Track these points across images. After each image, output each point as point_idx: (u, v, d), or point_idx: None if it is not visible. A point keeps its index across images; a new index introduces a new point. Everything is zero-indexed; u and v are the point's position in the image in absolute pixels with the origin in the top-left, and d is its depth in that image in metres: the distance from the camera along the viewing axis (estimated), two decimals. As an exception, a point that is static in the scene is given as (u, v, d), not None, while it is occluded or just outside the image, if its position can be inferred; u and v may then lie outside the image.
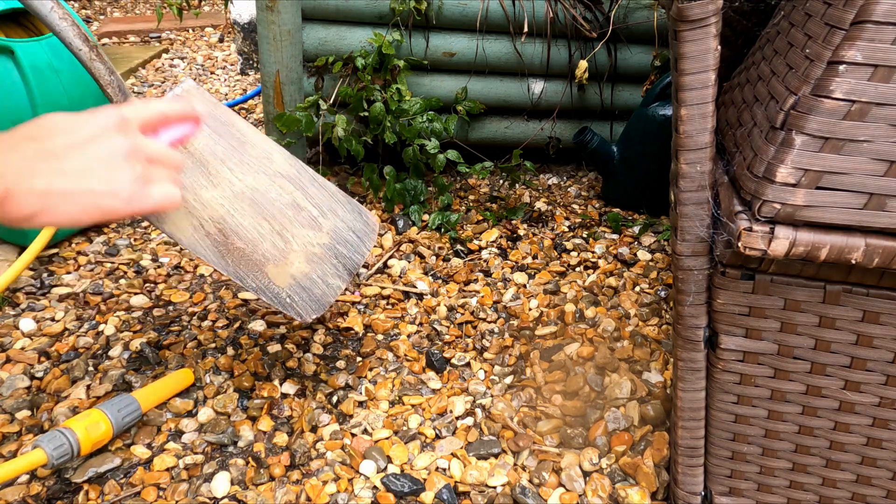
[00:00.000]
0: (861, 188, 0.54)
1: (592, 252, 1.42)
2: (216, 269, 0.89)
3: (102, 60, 0.89)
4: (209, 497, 0.85)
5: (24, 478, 0.86)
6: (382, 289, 1.28)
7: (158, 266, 1.33)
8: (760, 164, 0.57)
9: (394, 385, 1.05)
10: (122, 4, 3.57)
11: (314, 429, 0.96)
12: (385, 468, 0.90)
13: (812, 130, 0.54)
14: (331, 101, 1.53)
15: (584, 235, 1.48)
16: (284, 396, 1.01)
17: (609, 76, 1.65)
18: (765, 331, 0.65)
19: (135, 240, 1.42)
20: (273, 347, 1.11)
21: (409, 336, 1.16)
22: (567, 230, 1.51)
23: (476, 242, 1.44)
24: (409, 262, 1.37)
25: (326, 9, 1.50)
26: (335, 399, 1.02)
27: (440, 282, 1.31)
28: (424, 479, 0.88)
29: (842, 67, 0.53)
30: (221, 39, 3.01)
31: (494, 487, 0.88)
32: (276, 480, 0.87)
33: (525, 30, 1.54)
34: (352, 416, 0.98)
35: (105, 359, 1.07)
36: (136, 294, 1.23)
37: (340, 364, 1.09)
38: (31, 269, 1.28)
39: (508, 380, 1.06)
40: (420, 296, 1.27)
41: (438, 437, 0.96)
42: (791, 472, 0.74)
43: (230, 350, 1.09)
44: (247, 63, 2.53)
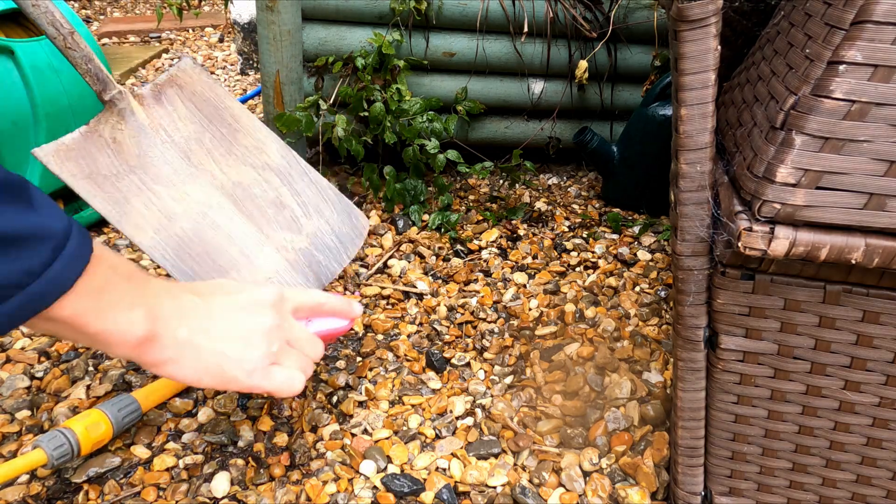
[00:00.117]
0: (861, 188, 0.54)
1: (592, 252, 1.42)
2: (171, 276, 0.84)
3: (78, 48, 0.85)
4: (209, 497, 0.85)
5: (24, 478, 0.86)
6: (382, 289, 1.28)
7: (158, 266, 1.33)
8: (760, 164, 0.57)
9: (394, 385, 1.05)
10: (122, 4, 3.57)
11: (314, 429, 0.96)
12: (385, 468, 0.90)
13: (812, 130, 0.54)
14: (331, 101, 1.53)
15: (584, 235, 1.48)
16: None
17: (609, 76, 1.65)
18: (765, 331, 0.65)
19: (135, 240, 1.42)
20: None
21: (409, 336, 1.16)
22: (567, 230, 1.51)
23: (476, 242, 1.44)
24: (409, 262, 1.37)
25: (326, 9, 1.50)
26: (335, 399, 1.02)
27: (440, 282, 1.31)
28: (424, 479, 0.88)
29: (842, 67, 0.53)
30: (221, 39, 3.01)
31: (494, 487, 0.88)
32: (276, 480, 0.87)
33: (525, 30, 1.54)
34: (352, 416, 0.98)
35: (105, 359, 1.07)
36: (136, 294, 1.23)
37: (340, 364, 1.09)
38: (31, 269, 1.28)
39: (508, 380, 1.06)
40: (420, 296, 1.27)
41: (438, 437, 0.96)
42: (791, 472, 0.74)
43: (230, 350, 1.09)
44: (247, 63, 2.53)
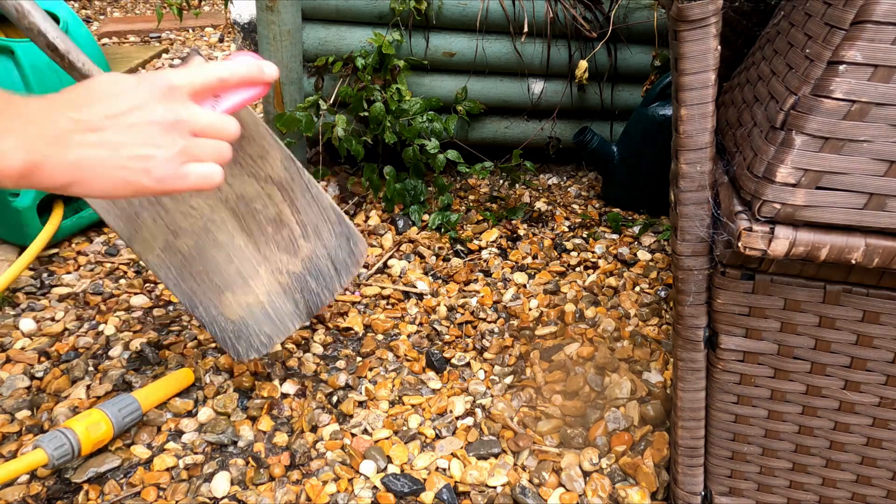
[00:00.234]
0: (861, 188, 0.54)
1: (592, 252, 1.42)
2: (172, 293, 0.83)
3: (42, 17, 0.74)
4: (209, 497, 0.85)
5: (25, 478, 0.86)
6: (382, 289, 1.28)
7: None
8: (760, 164, 0.57)
9: (394, 385, 1.05)
10: (122, 4, 3.56)
11: (314, 429, 0.96)
12: (385, 468, 0.90)
13: (812, 130, 0.54)
14: (331, 101, 1.53)
15: (584, 235, 1.48)
16: (284, 396, 1.01)
17: (609, 76, 1.65)
18: (765, 331, 0.65)
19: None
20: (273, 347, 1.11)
21: (409, 336, 1.16)
22: (567, 230, 1.51)
23: (476, 242, 1.44)
24: (409, 262, 1.37)
25: (326, 9, 1.50)
26: (335, 399, 1.02)
27: (440, 282, 1.31)
28: (424, 479, 0.88)
29: (842, 67, 0.53)
30: (221, 39, 3.01)
31: (494, 487, 0.88)
32: (276, 480, 0.87)
33: (525, 30, 1.54)
34: (352, 416, 0.98)
35: (105, 359, 1.07)
36: (137, 294, 1.23)
37: (340, 364, 1.09)
38: (31, 269, 1.28)
39: (508, 380, 1.06)
40: (420, 296, 1.27)
41: (438, 437, 0.96)
42: (791, 472, 0.74)
43: (230, 350, 1.09)
44: (247, 63, 2.52)
